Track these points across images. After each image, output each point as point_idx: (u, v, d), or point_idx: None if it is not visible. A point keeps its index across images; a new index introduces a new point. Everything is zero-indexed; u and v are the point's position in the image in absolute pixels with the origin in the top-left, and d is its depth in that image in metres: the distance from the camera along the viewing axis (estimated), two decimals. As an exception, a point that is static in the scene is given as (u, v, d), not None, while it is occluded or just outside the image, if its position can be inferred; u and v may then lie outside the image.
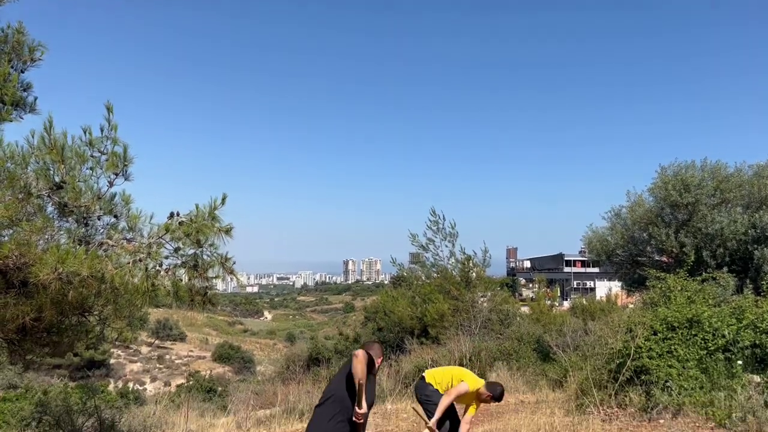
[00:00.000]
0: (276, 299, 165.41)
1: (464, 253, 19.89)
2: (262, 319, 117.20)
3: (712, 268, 13.59)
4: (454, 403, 6.48)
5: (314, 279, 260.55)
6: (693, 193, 16.30)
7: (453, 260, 20.11)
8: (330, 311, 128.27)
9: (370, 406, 4.12)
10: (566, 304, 37.85)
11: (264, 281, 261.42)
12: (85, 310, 7.11)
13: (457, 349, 13.45)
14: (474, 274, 19.96)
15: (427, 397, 6.45)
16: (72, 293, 6.36)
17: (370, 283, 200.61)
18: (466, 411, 6.49)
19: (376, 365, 4.33)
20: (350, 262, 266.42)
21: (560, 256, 69.87)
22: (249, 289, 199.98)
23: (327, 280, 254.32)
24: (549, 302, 22.42)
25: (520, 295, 46.20)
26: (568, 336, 13.13)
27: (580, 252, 62.23)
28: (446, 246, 20.23)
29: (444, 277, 20.28)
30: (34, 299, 6.27)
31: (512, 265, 78.40)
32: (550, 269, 69.08)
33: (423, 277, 21.85)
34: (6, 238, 6.32)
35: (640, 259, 18.21)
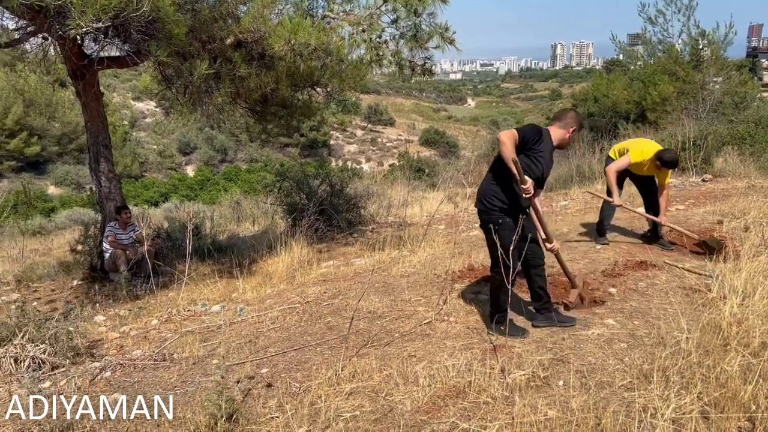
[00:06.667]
0: (479, 86, 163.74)
1: (699, 27, 17.38)
2: (465, 106, 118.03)
3: None
4: (648, 175, 6.19)
5: (519, 65, 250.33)
6: None
7: (684, 36, 17.77)
8: (535, 99, 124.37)
9: (542, 179, 4.06)
10: (820, 89, 32.27)
11: (467, 68, 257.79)
12: (314, 83, 7.70)
13: (680, 132, 12.44)
14: (709, 52, 17.59)
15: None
16: (303, 65, 6.85)
17: (580, 68, 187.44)
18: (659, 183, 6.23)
19: (567, 136, 4.10)
20: (559, 46, 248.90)
21: (820, 32, 58.15)
22: (452, 76, 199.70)
23: (533, 66, 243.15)
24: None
25: (760, 78, 40.23)
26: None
27: None
28: (678, 20, 17.77)
29: (671, 56, 18.18)
30: (271, 71, 6.88)
31: (754, 44, 67.22)
32: (803, 48, 58.12)
33: (645, 56, 19.81)
34: (242, 14, 6.84)
35: None
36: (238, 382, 3.49)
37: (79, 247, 8.51)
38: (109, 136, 7.72)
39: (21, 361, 3.83)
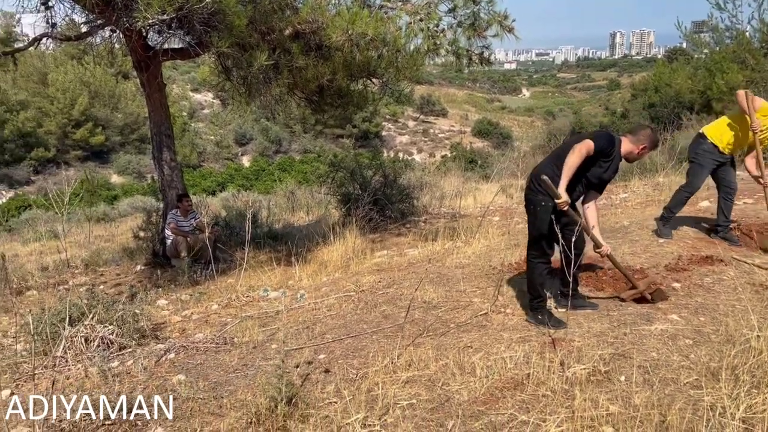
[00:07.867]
0: (534, 76, 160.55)
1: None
2: (519, 96, 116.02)
3: None
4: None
5: (576, 54, 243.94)
6: None
7: (755, 23, 16.92)
8: (592, 89, 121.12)
9: (603, 183, 4.05)
10: None
11: (522, 57, 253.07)
12: (370, 73, 7.72)
13: (748, 122, 11.93)
14: (780, 38, 16.72)
15: (695, 156, 5.77)
16: (359, 56, 6.87)
17: (639, 58, 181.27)
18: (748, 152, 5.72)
19: (635, 152, 4.05)
20: (618, 34, 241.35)
21: None
22: (506, 66, 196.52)
23: (590, 56, 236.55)
24: None
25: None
26: None
27: None
28: (749, 6, 16.93)
29: (740, 43, 17.37)
30: (328, 62, 6.93)
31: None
32: None
33: (712, 44, 18.99)
34: (300, 5, 6.90)
35: None
36: (296, 366, 3.56)
37: (142, 234, 8.81)
38: (171, 126, 7.95)
39: (91, 341, 4.01)
